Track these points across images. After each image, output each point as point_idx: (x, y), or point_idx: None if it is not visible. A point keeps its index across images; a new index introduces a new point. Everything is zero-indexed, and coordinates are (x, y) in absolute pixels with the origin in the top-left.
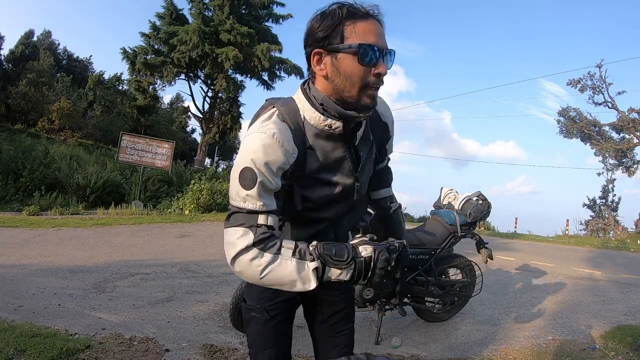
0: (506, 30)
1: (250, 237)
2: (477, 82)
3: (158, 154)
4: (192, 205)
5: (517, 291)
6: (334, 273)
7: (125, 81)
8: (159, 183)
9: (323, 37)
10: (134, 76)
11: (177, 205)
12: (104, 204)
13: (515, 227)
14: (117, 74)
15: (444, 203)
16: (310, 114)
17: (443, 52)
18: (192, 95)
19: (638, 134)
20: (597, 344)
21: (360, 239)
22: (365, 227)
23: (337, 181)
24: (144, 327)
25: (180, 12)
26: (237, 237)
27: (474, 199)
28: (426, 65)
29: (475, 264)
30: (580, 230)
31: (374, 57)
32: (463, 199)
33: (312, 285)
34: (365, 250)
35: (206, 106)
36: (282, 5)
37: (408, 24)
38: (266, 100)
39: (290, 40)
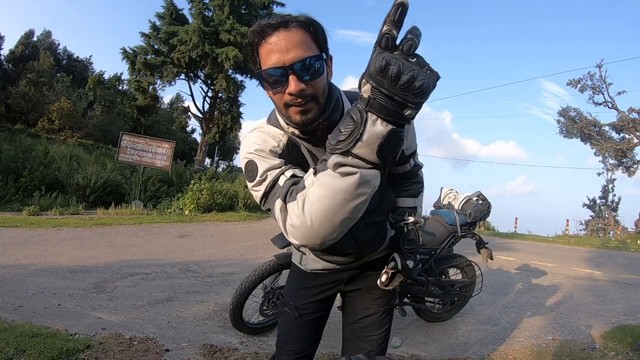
0: (506, 31)
1: (280, 201)
2: (477, 82)
3: (158, 154)
4: (192, 205)
5: (517, 291)
6: (367, 138)
7: (125, 81)
8: (159, 183)
9: (252, 65)
10: (134, 76)
11: (177, 205)
12: (104, 204)
13: (515, 227)
14: (117, 74)
15: (444, 203)
16: (282, 123)
17: (443, 52)
18: (192, 95)
19: (638, 134)
20: (597, 344)
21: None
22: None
23: None
24: (144, 327)
25: (180, 12)
26: (276, 209)
27: (474, 199)
28: None
29: (475, 264)
30: (580, 230)
31: (275, 80)
32: (463, 199)
33: (354, 178)
34: (364, 86)
35: (206, 106)
36: (282, 5)
37: (408, 24)
38: None
39: None
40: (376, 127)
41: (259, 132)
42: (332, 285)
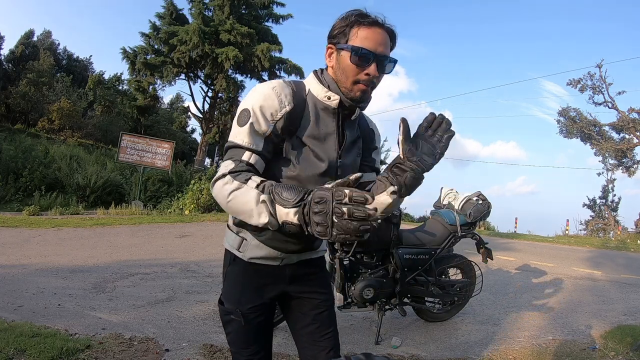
0: (507, 31)
1: (229, 166)
2: (478, 82)
3: (158, 154)
4: (192, 205)
5: (517, 291)
6: (281, 211)
7: (125, 81)
8: (159, 183)
9: (334, 35)
10: (134, 76)
11: (177, 205)
12: (104, 204)
13: (515, 227)
14: (117, 74)
15: (444, 203)
16: (315, 87)
17: (445, 53)
18: (192, 95)
19: (638, 134)
20: (597, 344)
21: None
22: None
23: (321, 153)
24: (144, 327)
25: (180, 12)
26: (223, 166)
27: (474, 199)
28: (428, 66)
29: (475, 264)
30: (580, 230)
31: (364, 59)
32: (463, 199)
33: (263, 219)
34: (319, 192)
35: (206, 106)
36: (282, 5)
37: (411, 25)
38: None
39: (290, 40)
40: (294, 214)
41: (273, 89)
42: (275, 284)
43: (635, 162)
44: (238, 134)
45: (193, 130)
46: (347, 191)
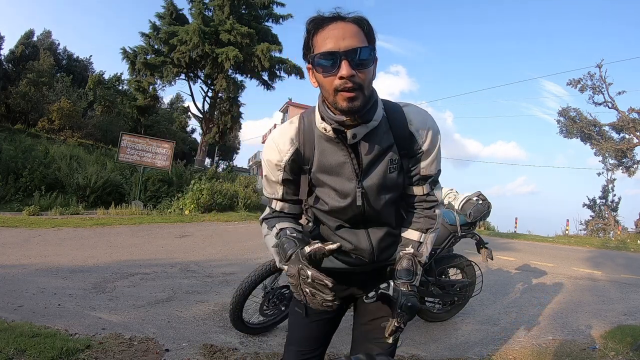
0: (507, 31)
1: (265, 213)
2: (478, 82)
3: (158, 154)
4: (192, 205)
5: (517, 291)
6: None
7: (125, 81)
8: (159, 183)
9: (304, 53)
10: (134, 76)
11: (177, 205)
12: (104, 204)
13: (515, 227)
14: (117, 74)
15: (444, 203)
16: (317, 118)
17: (446, 53)
18: (192, 95)
19: (638, 134)
20: (597, 344)
21: (315, 246)
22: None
23: (337, 186)
24: (144, 327)
25: (180, 12)
26: (265, 211)
27: (474, 199)
28: (429, 66)
29: (475, 264)
30: (580, 230)
31: (329, 63)
32: (463, 199)
33: (277, 262)
34: (290, 268)
35: (206, 106)
36: (282, 5)
37: (411, 25)
38: None
39: (290, 40)
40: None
41: (273, 141)
42: (345, 287)
43: (635, 162)
44: (263, 185)
45: (193, 130)
46: (309, 272)
